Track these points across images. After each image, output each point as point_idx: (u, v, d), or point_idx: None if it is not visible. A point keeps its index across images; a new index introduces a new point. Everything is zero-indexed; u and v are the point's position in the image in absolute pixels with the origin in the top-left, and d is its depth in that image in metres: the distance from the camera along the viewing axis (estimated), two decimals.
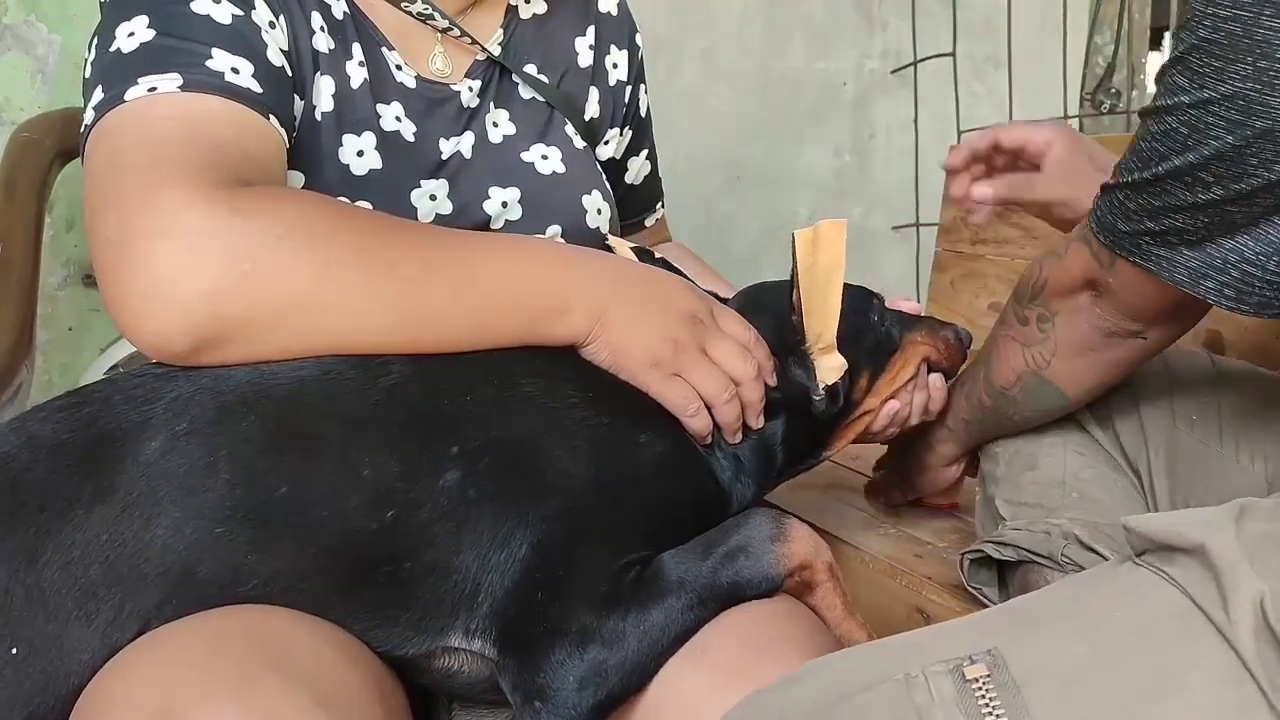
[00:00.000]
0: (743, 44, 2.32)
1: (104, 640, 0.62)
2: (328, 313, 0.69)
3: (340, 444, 0.69)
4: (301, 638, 0.64)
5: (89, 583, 0.63)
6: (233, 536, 0.65)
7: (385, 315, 0.71)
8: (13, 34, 1.51)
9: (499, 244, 0.79)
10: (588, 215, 0.98)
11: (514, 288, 0.76)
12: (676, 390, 0.81)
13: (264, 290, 0.67)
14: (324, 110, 0.86)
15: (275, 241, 0.67)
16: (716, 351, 0.82)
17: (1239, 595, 0.53)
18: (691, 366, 0.81)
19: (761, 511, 0.77)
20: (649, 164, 1.17)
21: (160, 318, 0.65)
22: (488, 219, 0.93)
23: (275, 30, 0.82)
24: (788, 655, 0.68)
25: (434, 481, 0.69)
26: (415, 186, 0.90)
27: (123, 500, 0.64)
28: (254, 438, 0.67)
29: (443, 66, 0.95)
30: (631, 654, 0.67)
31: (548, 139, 0.99)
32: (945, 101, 2.41)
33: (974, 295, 1.67)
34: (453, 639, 0.70)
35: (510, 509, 0.70)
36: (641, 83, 1.12)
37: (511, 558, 0.69)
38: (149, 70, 0.74)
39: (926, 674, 0.54)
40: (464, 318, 0.74)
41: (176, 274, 0.65)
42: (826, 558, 0.78)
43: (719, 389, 0.81)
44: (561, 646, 0.66)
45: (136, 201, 0.67)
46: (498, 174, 0.94)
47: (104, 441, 0.66)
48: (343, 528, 0.67)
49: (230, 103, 0.75)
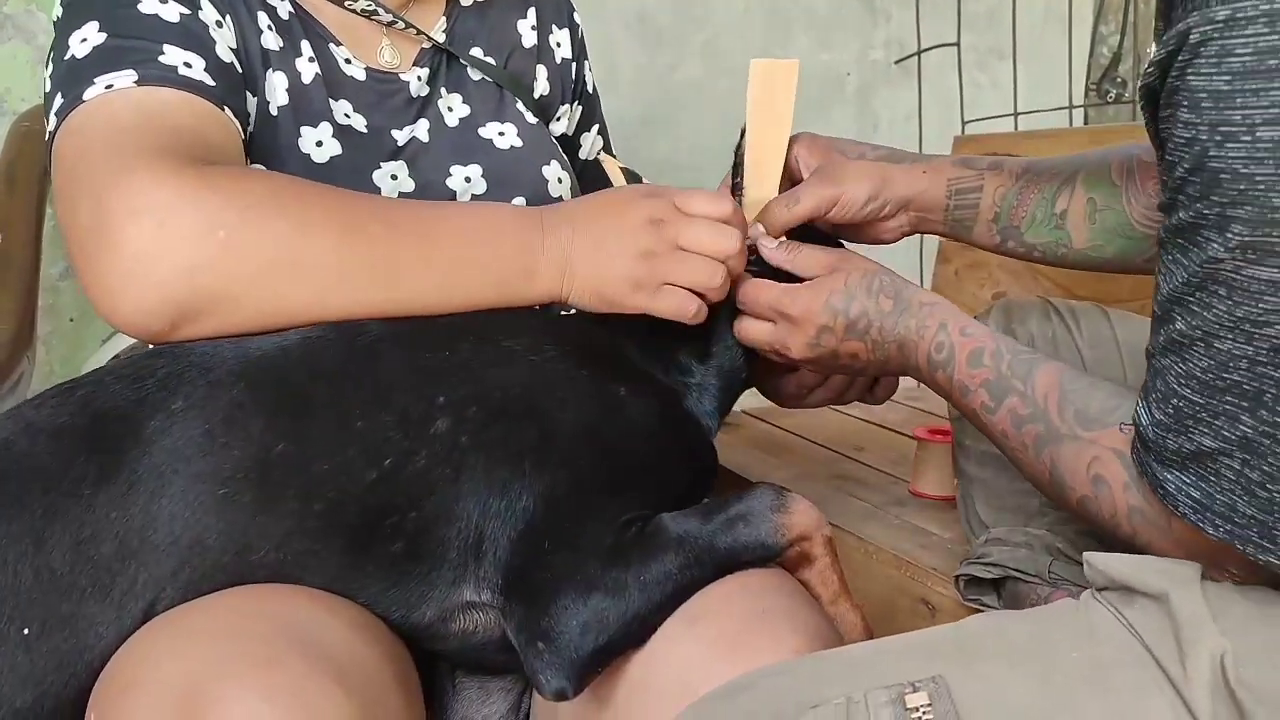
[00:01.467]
0: (745, 35, 2.31)
1: (120, 614, 0.64)
2: (301, 276, 0.71)
3: (329, 400, 0.72)
4: (321, 617, 0.66)
5: (102, 559, 0.64)
6: (237, 497, 0.67)
7: (357, 274, 0.73)
8: (13, 24, 1.51)
9: (454, 209, 0.82)
10: (549, 185, 1.00)
11: (476, 250, 0.78)
12: (668, 300, 0.80)
13: (238, 258, 0.69)
14: (279, 105, 0.88)
15: (244, 211, 0.69)
16: (691, 240, 0.80)
17: (1198, 650, 0.53)
18: (674, 269, 0.79)
19: (764, 485, 0.78)
20: (600, 139, 1.19)
21: (139, 295, 0.67)
22: (453, 195, 0.95)
23: (222, 29, 0.84)
24: (779, 629, 0.69)
25: (425, 429, 0.72)
26: (375, 168, 0.91)
27: (128, 478, 0.66)
28: (245, 403, 0.69)
29: (390, 58, 0.96)
30: (632, 605, 0.69)
31: (502, 117, 1.00)
32: (949, 92, 2.41)
33: (978, 286, 1.67)
34: (465, 592, 0.72)
35: (504, 456, 0.73)
36: (585, 59, 1.15)
37: (511, 506, 0.72)
38: (104, 70, 0.76)
39: (868, 700, 0.54)
40: (434, 275, 0.76)
41: (152, 250, 0.67)
42: (826, 532, 0.79)
43: (708, 276, 0.80)
44: (566, 593, 0.69)
45: (107, 186, 0.69)
46: (458, 153, 0.96)
47: (103, 420, 0.68)
48: (344, 480, 0.69)
49: (186, 94, 0.77)
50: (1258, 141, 0.50)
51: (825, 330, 0.82)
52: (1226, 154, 0.51)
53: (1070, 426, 0.67)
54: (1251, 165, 0.50)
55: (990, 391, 0.72)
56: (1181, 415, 0.56)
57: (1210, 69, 0.51)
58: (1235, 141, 0.50)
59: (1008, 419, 0.71)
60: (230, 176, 0.72)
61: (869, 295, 0.80)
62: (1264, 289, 0.51)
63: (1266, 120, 0.49)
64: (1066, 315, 1.03)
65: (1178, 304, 0.56)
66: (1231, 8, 0.49)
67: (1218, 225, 0.52)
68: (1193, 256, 0.54)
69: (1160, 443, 0.58)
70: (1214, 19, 0.50)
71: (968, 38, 2.40)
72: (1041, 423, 0.68)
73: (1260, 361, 0.52)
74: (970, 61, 2.43)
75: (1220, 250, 0.52)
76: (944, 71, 2.41)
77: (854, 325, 0.81)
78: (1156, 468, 0.59)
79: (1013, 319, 1.05)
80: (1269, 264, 0.51)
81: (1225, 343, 0.53)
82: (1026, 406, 0.69)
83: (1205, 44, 0.50)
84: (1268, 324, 0.51)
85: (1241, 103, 0.50)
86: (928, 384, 0.79)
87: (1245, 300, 0.52)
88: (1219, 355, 0.54)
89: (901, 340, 0.78)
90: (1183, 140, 0.53)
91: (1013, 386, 0.71)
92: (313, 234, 0.71)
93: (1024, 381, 0.70)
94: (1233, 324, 0.53)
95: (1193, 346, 0.55)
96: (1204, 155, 0.52)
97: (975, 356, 0.73)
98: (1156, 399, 0.59)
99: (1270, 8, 0.48)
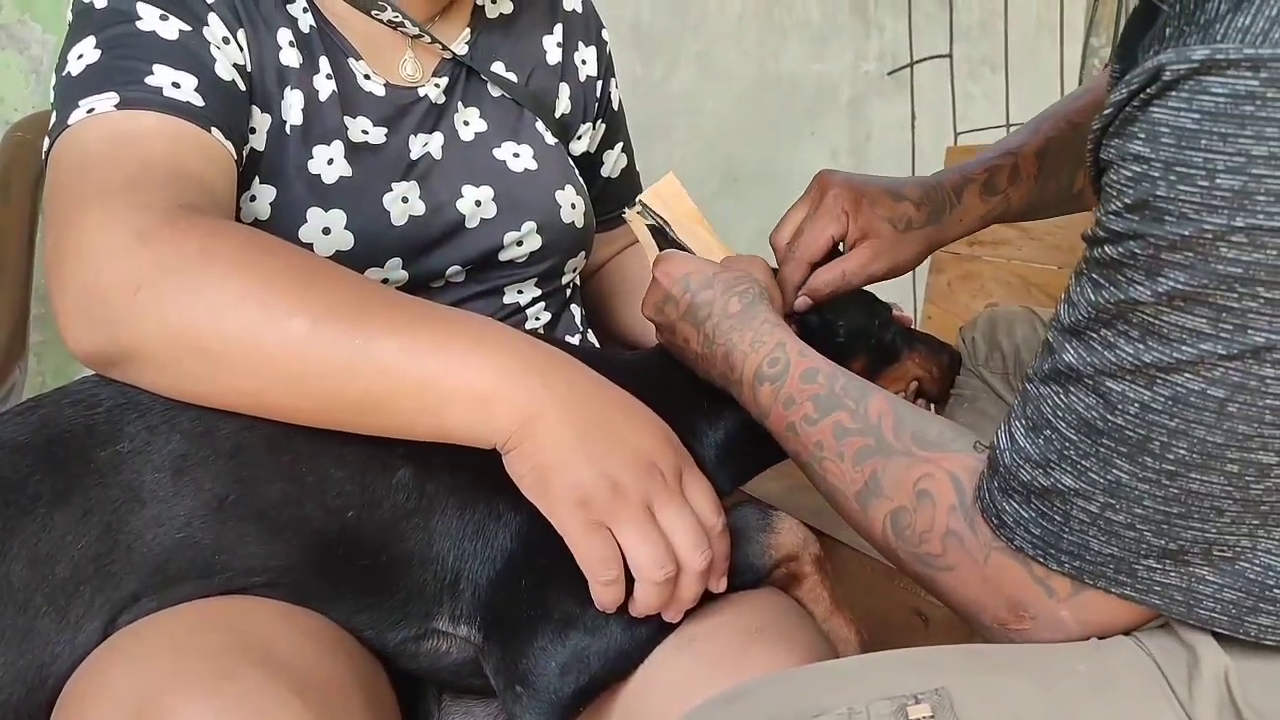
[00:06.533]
0: (739, 45, 2.32)
1: (77, 634, 0.63)
2: (206, 360, 0.64)
3: (279, 452, 0.68)
4: (280, 629, 0.65)
5: (57, 580, 0.63)
6: (195, 541, 0.66)
7: (261, 376, 0.64)
8: (6, 33, 1.51)
9: (430, 312, 0.68)
10: (561, 210, 0.99)
11: (426, 362, 0.64)
12: (595, 544, 0.65)
13: (150, 320, 0.64)
14: (293, 124, 0.87)
15: (165, 273, 0.64)
16: (667, 518, 0.66)
17: (1205, 670, 0.53)
18: (626, 522, 0.65)
19: (750, 505, 0.77)
20: (625, 157, 1.18)
21: (77, 334, 0.67)
22: (462, 218, 0.94)
23: (229, 46, 0.83)
24: (773, 647, 0.68)
25: (386, 481, 0.70)
26: (386, 190, 0.90)
27: (83, 505, 0.65)
28: (188, 454, 0.67)
29: (413, 71, 0.96)
30: (614, 641, 0.68)
31: (519, 137, 0.99)
32: (942, 103, 2.41)
33: (970, 296, 1.67)
34: (439, 623, 0.71)
35: (476, 499, 0.71)
36: (612, 77, 1.14)
37: (489, 546, 0.71)
38: (90, 92, 0.76)
39: (870, 710, 0.53)
40: (353, 392, 0.65)
41: (90, 294, 0.66)
42: (814, 550, 0.78)
43: (653, 563, 0.65)
44: (544, 633, 0.67)
45: (64, 223, 0.69)
46: (470, 172, 0.95)
47: (57, 443, 0.67)
48: (305, 529, 0.68)
49: (167, 117, 0.76)
50: (1215, 188, 0.46)
51: (670, 300, 0.84)
52: (1177, 195, 0.47)
53: (906, 445, 0.65)
54: (1204, 212, 0.47)
55: (817, 404, 0.70)
56: (1049, 449, 0.55)
57: (1179, 104, 0.47)
58: (1190, 185, 0.47)
59: (830, 430, 0.69)
60: (174, 229, 0.66)
61: (724, 292, 0.81)
62: (1184, 337, 0.49)
63: (1230, 168, 0.46)
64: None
65: (1075, 336, 0.54)
66: (1211, 48, 0.46)
67: (1148, 268, 0.49)
68: (1106, 294, 0.52)
69: (1013, 471, 0.57)
70: (1191, 58, 0.46)
71: (960, 49, 2.41)
72: (872, 437, 0.66)
73: (1154, 409, 0.50)
74: (963, 73, 2.44)
75: (1145, 294, 0.49)
76: (937, 82, 2.42)
77: (695, 309, 0.81)
78: (997, 495, 0.58)
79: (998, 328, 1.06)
80: (1198, 314, 0.48)
81: (1120, 384, 0.51)
82: (855, 422, 0.68)
83: (1180, 81, 0.47)
84: (1177, 371, 0.49)
85: (1206, 144, 0.46)
86: (746, 402, 0.77)
87: (1158, 346, 0.50)
88: (1109, 396, 0.52)
89: (730, 350, 0.78)
90: (1129, 174, 0.50)
91: (843, 404, 0.69)
92: (225, 317, 0.63)
93: (856, 403, 0.69)
94: (1135, 368, 0.51)
95: (1079, 382, 0.53)
96: (1151, 192, 0.48)
97: (809, 374, 0.72)
98: (1025, 427, 0.56)
99: (1255, 53, 0.45)
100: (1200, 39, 0.47)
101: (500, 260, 0.97)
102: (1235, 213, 0.46)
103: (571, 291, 1.09)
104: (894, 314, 1.00)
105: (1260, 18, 0.45)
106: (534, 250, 0.98)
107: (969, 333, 1.11)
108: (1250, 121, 0.45)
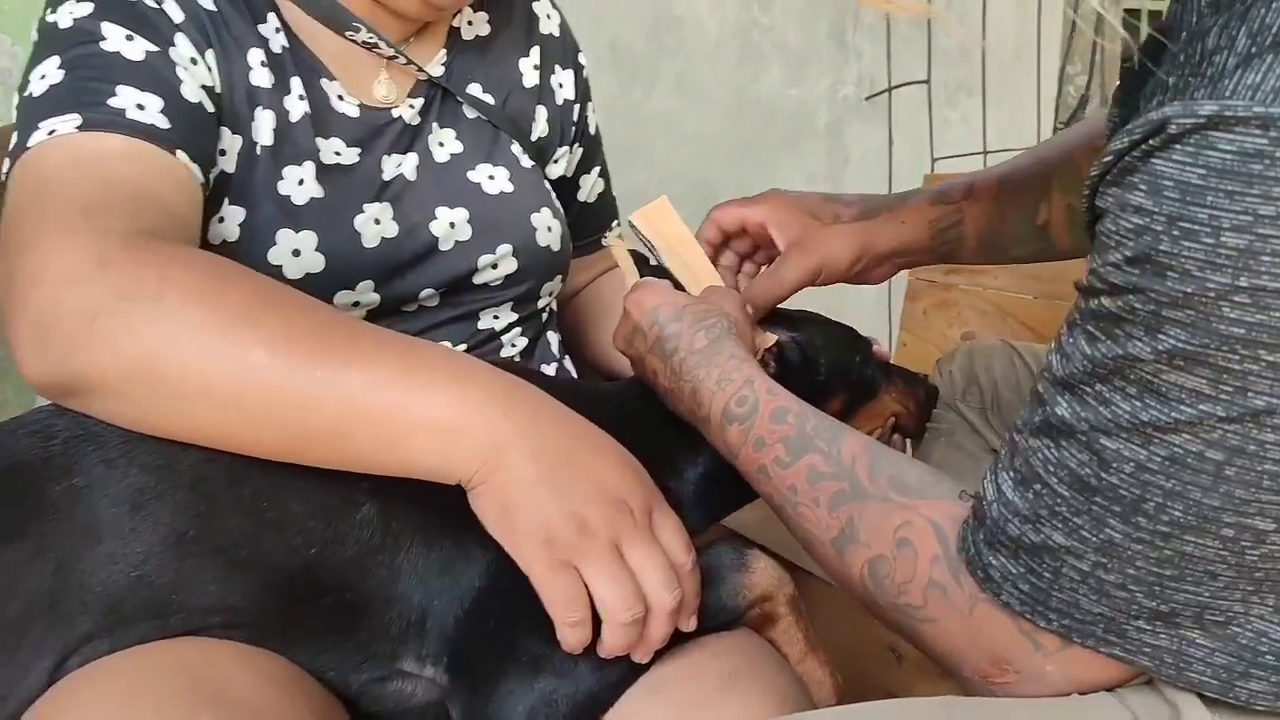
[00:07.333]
0: (717, 68, 2.32)
1: (26, 675, 0.61)
2: (165, 391, 0.62)
3: (239, 486, 0.67)
4: (238, 671, 0.63)
5: (7, 619, 0.62)
6: (151, 579, 0.64)
7: (221, 408, 0.63)
8: None
9: (394, 343, 0.66)
10: (537, 233, 0.98)
11: (388, 394, 0.63)
12: (560, 584, 0.63)
13: (105, 352, 0.62)
14: (264, 145, 0.86)
15: (122, 302, 0.62)
16: (635, 557, 0.64)
17: None
18: (593, 561, 0.63)
19: (723, 543, 0.76)
20: (602, 181, 1.17)
21: (32, 362, 0.64)
22: (435, 240, 0.92)
23: (197, 66, 0.82)
24: (747, 692, 0.67)
25: (350, 517, 0.68)
26: (358, 212, 0.88)
27: (36, 543, 0.63)
28: (146, 488, 0.65)
29: (387, 93, 0.94)
30: (583, 684, 0.66)
31: (495, 159, 0.98)
32: (919, 129, 2.42)
33: (947, 325, 1.67)
34: (405, 664, 0.69)
35: (442, 536, 0.70)
36: (589, 101, 1.13)
37: (456, 584, 0.69)
38: (52, 113, 0.74)
39: None
40: (315, 423, 0.63)
41: (47, 322, 0.63)
42: (789, 590, 0.77)
43: (620, 604, 0.63)
44: (511, 676, 0.66)
45: (20, 249, 0.66)
46: (444, 194, 0.94)
47: (10, 476, 0.65)
48: (266, 566, 0.66)
49: (130, 140, 0.74)
50: (1220, 246, 0.45)
51: (639, 332, 0.83)
52: (1180, 251, 0.46)
53: (882, 490, 0.63)
54: (1208, 270, 0.45)
55: (788, 447, 0.68)
56: (1039, 504, 0.53)
57: (1184, 158, 0.46)
58: (1194, 241, 0.46)
59: (803, 474, 0.67)
60: (134, 255, 0.64)
61: (693, 326, 0.80)
62: (1183, 397, 0.48)
63: (1236, 226, 0.44)
64: (1030, 359, 1.03)
65: (1069, 390, 0.53)
66: (1220, 104, 0.45)
67: (1148, 324, 0.48)
68: (1103, 348, 0.50)
69: (1000, 525, 0.55)
70: (1198, 113, 0.45)
71: (938, 74, 2.42)
72: (846, 481, 0.65)
73: (1150, 469, 0.49)
74: (940, 98, 2.45)
75: (1145, 350, 0.48)
76: (914, 108, 2.43)
77: (663, 342, 0.80)
78: (984, 548, 0.56)
79: (976, 362, 1.06)
80: (1198, 374, 0.47)
81: (1115, 442, 0.50)
82: (829, 465, 0.66)
83: (1185, 135, 0.46)
84: (1175, 431, 0.48)
85: (1212, 201, 0.45)
86: (715, 441, 0.76)
87: (1157, 405, 0.48)
88: (1103, 453, 0.51)
89: (696, 386, 0.76)
90: (1130, 225, 0.48)
91: (815, 445, 0.68)
92: (180, 347, 0.61)
93: (829, 444, 0.67)
94: (1132, 426, 0.49)
95: (1073, 437, 0.52)
96: (1153, 246, 0.47)
97: (779, 414, 0.71)
98: (1014, 480, 0.55)
99: (1265, 111, 0.44)
100: (1208, 94, 0.46)
101: (474, 283, 0.96)
102: (1240, 272, 0.45)
103: (548, 317, 1.08)
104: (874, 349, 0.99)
105: (1271, 75, 0.44)
106: (509, 274, 0.97)
107: (946, 366, 1.10)
108: (1258, 180, 0.44)
